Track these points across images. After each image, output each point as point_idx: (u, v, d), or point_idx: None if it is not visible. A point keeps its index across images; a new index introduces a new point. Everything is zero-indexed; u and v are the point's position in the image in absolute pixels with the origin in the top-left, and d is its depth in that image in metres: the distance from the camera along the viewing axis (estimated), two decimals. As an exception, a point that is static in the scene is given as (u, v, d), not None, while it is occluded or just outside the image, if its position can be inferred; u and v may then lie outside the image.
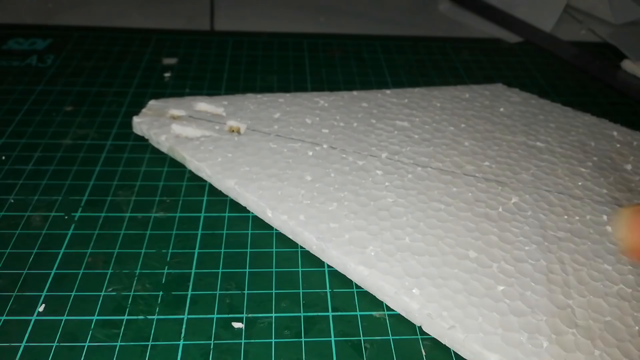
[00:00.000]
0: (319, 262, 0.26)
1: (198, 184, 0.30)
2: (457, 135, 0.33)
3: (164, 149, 0.32)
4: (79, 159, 0.31)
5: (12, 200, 0.28)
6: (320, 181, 0.28)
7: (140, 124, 0.32)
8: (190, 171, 0.31)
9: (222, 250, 0.26)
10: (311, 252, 0.26)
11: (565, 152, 0.33)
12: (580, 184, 0.30)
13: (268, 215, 0.27)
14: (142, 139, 0.33)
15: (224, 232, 0.27)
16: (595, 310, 0.23)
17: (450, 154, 0.31)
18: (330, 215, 0.26)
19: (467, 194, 0.28)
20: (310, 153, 0.30)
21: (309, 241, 0.25)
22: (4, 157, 0.31)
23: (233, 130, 0.31)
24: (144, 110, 0.33)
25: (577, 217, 0.28)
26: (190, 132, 0.31)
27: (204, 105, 0.34)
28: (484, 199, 0.28)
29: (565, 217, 0.28)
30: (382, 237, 0.25)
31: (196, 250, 0.26)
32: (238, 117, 0.33)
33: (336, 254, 0.25)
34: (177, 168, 0.31)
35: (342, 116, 0.34)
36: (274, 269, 0.25)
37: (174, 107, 0.33)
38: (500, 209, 0.28)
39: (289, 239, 0.27)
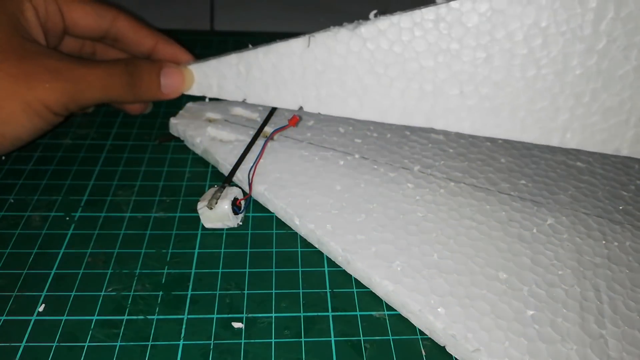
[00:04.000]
0: (319, 262, 0.26)
1: (198, 184, 0.30)
2: (493, 151, 0.32)
3: (198, 151, 0.32)
4: (79, 159, 0.31)
5: (12, 200, 0.28)
6: (350, 191, 0.28)
7: (177, 125, 0.32)
8: (189, 171, 0.31)
9: (222, 250, 0.26)
10: (336, 262, 0.26)
11: (607, 174, 0.31)
12: (621, 208, 0.29)
13: (295, 223, 0.27)
14: (141, 139, 0.33)
15: (224, 232, 0.27)
16: (630, 343, 0.22)
17: (485, 170, 0.30)
18: (357, 226, 0.26)
19: (501, 212, 0.28)
20: (342, 162, 0.30)
21: (335, 252, 0.25)
22: (3, 157, 0.31)
23: (266, 136, 0.31)
24: (181, 112, 0.34)
25: (615, 243, 0.27)
26: (224, 135, 0.32)
27: (240, 109, 0.34)
28: (518, 219, 0.27)
29: (603, 242, 0.27)
30: (409, 252, 0.25)
31: (196, 250, 0.26)
32: (272, 123, 0.32)
33: (361, 267, 0.24)
34: (177, 168, 0.31)
35: (375, 126, 0.33)
36: (274, 269, 0.25)
37: (211, 110, 0.34)
38: (534, 230, 0.27)
39: (289, 239, 0.27)
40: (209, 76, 0.30)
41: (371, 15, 0.27)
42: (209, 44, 0.45)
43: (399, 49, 0.27)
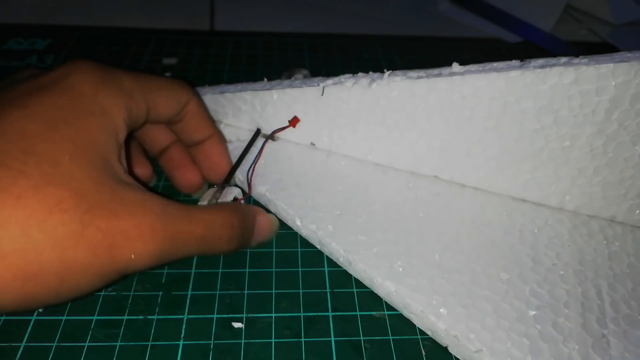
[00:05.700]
0: (319, 262, 0.26)
1: (198, 184, 0.30)
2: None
3: None
4: (79, 159, 0.31)
5: (12, 200, 0.28)
6: (351, 192, 0.28)
7: None
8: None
9: (222, 250, 0.26)
10: (338, 263, 0.26)
11: None
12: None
13: (297, 224, 0.27)
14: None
15: (224, 232, 0.27)
16: (632, 343, 0.22)
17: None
18: (359, 227, 0.26)
19: (503, 213, 0.28)
20: (343, 163, 0.30)
21: (336, 252, 0.25)
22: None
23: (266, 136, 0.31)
24: None
25: (616, 243, 0.27)
26: (225, 135, 0.31)
27: None
28: (520, 219, 0.27)
29: (605, 242, 0.27)
30: (411, 252, 0.25)
31: (196, 250, 0.26)
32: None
33: (363, 268, 0.24)
34: (177, 168, 0.31)
35: None
36: (274, 269, 0.25)
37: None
38: (535, 231, 0.27)
39: (289, 239, 0.27)
40: (225, 106, 0.31)
41: (386, 75, 0.27)
42: (209, 44, 0.45)
43: (411, 109, 0.27)
